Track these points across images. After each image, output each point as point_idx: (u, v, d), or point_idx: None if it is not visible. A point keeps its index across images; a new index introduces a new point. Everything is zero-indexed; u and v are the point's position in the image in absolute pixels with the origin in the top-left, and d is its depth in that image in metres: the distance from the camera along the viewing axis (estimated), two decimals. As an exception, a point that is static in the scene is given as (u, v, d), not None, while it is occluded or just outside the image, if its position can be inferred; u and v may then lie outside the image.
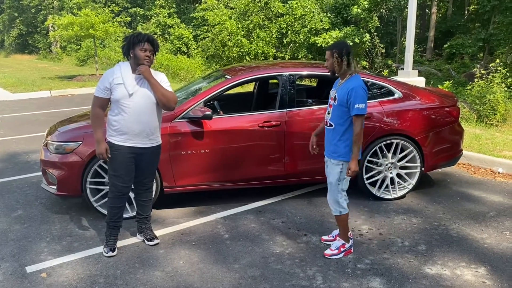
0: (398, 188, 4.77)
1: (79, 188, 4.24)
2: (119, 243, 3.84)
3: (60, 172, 4.24)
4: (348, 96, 3.33)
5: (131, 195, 4.04)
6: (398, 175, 4.78)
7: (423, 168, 4.76)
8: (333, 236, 3.85)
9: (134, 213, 4.12)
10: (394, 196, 4.74)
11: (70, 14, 20.33)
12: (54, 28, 22.90)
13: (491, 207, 4.59)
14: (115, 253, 3.66)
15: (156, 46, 3.48)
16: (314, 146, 3.76)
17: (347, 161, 3.44)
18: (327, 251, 3.64)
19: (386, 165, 4.68)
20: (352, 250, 3.67)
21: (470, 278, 3.27)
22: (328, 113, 3.54)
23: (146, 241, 3.86)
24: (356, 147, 3.37)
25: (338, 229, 3.79)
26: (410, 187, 4.79)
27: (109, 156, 3.51)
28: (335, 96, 3.46)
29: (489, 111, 8.00)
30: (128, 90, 3.39)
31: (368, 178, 4.70)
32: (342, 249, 3.62)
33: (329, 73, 3.55)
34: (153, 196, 4.04)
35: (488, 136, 6.93)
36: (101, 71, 18.93)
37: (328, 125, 3.52)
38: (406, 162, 4.74)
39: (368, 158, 4.63)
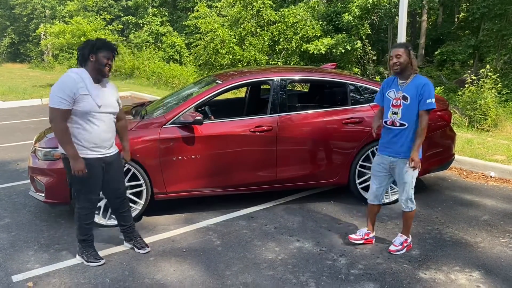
0: (391, 192, 4.74)
1: (68, 196, 4.15)
2: (108, 251, 3.76)
3: (48, 179, 4.16)
4: (421, 91, 3.41)
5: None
6: (391, 180, 4.74)
7: (415, 173, 4.73)
8: (361, 235, 3.86)
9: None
10: (387, 200, 4.71)
11: (62, 22, 20.27)
12: (46, 36, 22.81)
13: (484, 211, 4.57)
14: (103, 261, 3.58)
15: (116, 55, 3.41)
16: (376, 130, 3.74)
17: (420, 157, 3.52)
18: (392, 247, 3.70)
19: (379, 169, 4.66)
20: (411, 245, 3.77)
21: (464, 282, 3.24)
22: (395, 113, 3.56)
23: (136, 249, 3.78)
24: (419, 140, 3.44)
25: (366, 228, 3.90)
26: (403, 191, 4.75)
27: (86, 171, 3.30)
28: (403, 95, 3.50)
29: (480, 116, 8.03)
30: (96, 102, 3.26)
31: (360, 183, 4.67)
32: (405, 244, 3.71)
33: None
34: (129, 205, 3.87)
35: (479, 141, 6.95)
36: (93, 79, 18.78)
37: (398, 125, 3.54)
38: (399, 166, 4.71)
39: (360, 163, 4.61)
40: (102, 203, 4.18)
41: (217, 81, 4.75)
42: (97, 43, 3.32)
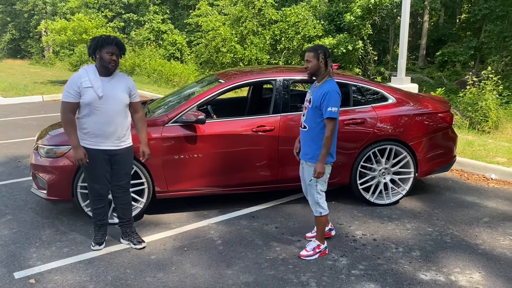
0: (392, 193, 4.76)
1: (70, 193, 4.18)
2: (110, 249, 3.78)
3: (50, 176, 4.17)
4: (322, 99, 3.38)
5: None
6: (392, 181, 4.76)
7: (416, 174, 4.75)
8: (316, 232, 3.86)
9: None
10: (387, 201, 4.73)
11: (63, 19, 20.25)
12: (47, 33, 22.80)
13: (485, 213, 4.59)
14: (101, 247, 3.71)
15: (123, 50, 3.49)
16: (298, 151, 3.77)
17: (331, 161, 3.50)
18: (303, 252, 3.66)
19: (380, 170, 4.67)
20: (327, 252, 3.70)
21: (464, 284, 3.25)
22: (303, 115, 3.61)
23: (132, 245, 3.82)
24: (324, 149, 3.40)
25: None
26: (404, 192, 4.77)
27: (87, 160, 3.48)
28: (310, 98, 3.51)
29: (481, 118, 8.05)
30: (97, 93, 3.39)
31: (361, 184, 4.68)
32: (317, 250, 3.65)
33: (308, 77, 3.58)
34: (130, 199, 3.92)
35: (480, 143, 6.96)
36: (94, 76, 18.75)
37: (303, 127, 3.59)
38: (400, 167, 4.72)
39: (361, 163, 4.62)
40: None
41: (220, 80, 4.75)
42: (99, 39, 3.41)
